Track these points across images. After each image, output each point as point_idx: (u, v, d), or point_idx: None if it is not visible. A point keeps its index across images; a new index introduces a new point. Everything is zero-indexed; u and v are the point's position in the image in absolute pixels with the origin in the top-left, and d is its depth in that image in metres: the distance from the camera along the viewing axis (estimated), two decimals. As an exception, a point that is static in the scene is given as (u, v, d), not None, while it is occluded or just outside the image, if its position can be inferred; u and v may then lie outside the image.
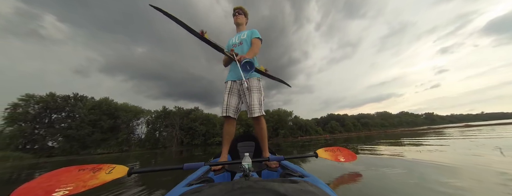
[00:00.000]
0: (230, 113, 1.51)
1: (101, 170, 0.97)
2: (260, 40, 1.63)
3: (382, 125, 77.77)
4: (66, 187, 0.83)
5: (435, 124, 69.78)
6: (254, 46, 1.57)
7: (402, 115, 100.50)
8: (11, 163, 13.35)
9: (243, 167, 0.76)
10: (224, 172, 1.26)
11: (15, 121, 27.73)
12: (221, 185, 0.48)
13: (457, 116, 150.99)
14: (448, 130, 11.75)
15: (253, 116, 1.44)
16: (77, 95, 34.78)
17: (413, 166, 1.85)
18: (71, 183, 0.85)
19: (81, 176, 0.91)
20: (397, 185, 1.30)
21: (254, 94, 1.50)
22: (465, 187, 1.19)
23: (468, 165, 1.77)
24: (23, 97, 29.21)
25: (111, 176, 0.96)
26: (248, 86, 1.51)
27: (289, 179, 0.55)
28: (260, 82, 1.63)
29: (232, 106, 1.54)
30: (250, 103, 1.46)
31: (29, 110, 29.26)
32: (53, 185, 0.83)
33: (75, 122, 31.19)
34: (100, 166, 1.00)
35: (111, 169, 1.00)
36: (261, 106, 1.48)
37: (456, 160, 2.00)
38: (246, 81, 1.51)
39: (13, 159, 20.74)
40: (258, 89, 1.54)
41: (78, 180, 0.88)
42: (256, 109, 1.44)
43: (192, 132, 37.30)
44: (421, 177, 1.45)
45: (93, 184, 0.88)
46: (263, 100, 1.56)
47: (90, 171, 0.95)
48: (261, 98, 1.52)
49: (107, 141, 32.66)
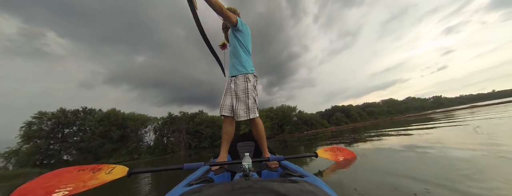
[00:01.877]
0: (225, 112, 1.47)
1: (101, 170, 0.98)
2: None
3: (388, 112, 76.56)
4: (66, 187, 0.84)
5: (443, 107, 68.17)
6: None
7: (409, 101, 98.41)
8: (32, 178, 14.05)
9: (243, 167, 0.77)
10: (224, 172, 1.25)
11: (31, 138, 29.01)
12: (221, 185, 0.48)
13: (467, 97, 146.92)
14: (451, 113, 11.42)
15: (238, 119, 1.41)
16: (86, 108, 35.94)
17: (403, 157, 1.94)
18: (71, 183, 0.87)
19: (81, 176, 0.92)
20: (399, 183, 1.30)
21: (240, 98, 1.43)
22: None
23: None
24: (36, 115, 30.52)
25: (111, 176, 0.96)
26: (236, 90, 1.45)
27: (289, 179, 0.55)
28: (251, 79, 1.50)
29: (227, 105, 1.49)
30: (236, 107, 1.42)
31: (42, 126, 30.58)
32: (54, 185, 0.84)
33: (86, 135, 32.32)
34: (100, 166, 1.01)
35: (111, 169, 1.00)
36: (249, 110, 1.41)
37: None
38: (234, 80, 1.49)
39: (33, 175, 21.88)
40: (244, 92, 1.44)
41: (78, 180, 0.89)
42: (241, 113, 1.40)
43: (199, 135, 38.04)
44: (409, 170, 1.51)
45: (93, 184, 0.89)
46: (255, 101, 1.47)
47: (90, 171, 0.96)
48: (248, 101, 1.42)
49: (118, 150, 33.77)
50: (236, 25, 1.50)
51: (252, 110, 1.42)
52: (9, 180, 18.70)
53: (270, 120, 42.30)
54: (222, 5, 1.33)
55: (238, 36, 1.56)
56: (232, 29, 1.59)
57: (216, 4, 1.29)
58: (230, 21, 1.46)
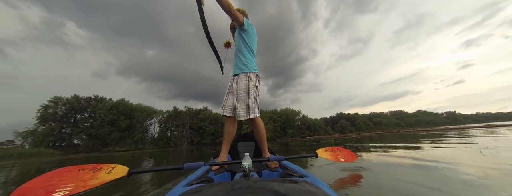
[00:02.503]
0: (227, 113, 1.49)
1: (101, 170, 0.98)
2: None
3: (397, 124, 74.13)
4: (66, 187, 0.83)
5: (457, 124, 64.89)
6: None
7: (420, 114, 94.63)
8: (44, 158, 15.02)
9: (243, 167, 0.77)
10: (224, 172, 1.25)
11: (46, 121, 30.92)
12: (221, 185, 0.49)
13: (484, 115, 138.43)
14: (466, 131, 9.98)
15: (238, 119, 1.42)
16: (97, 96, 37.71)
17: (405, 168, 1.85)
18: (71, 183, 0.86)
19: (81, 176, 0.91)
20: (397, 185, 1.31)
21: (241, 97, 1.43)
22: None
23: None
24: (52, 99, 32.49)
25: (111, 176, 0.96)
26: (237, 89, 1.46)
27: (289, 179, 0.55)
28: (252, 79, 1.50)
29: (229, 105, 1.50)
30: (236, 107, 1.43)
31: (57, 111, 32.49)
32: (54, 185, 0.83)
33: (96, 122, 33.96)
34: (100, 166, 1.01)
35: (111, 169, 1.00)
36: (249, 109, 1.41)
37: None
38: (235, 79, 1.51)
39: (45, 155, 23.40)
40: (244, 92, 1.44)
41: (78, 180, 0.89)
42: (241, 112, 1.40)
43: (202, 132, 38.81)
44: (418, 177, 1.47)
45: (93, 184, 0.89)
46: (256, 101, 1.47)
47: (90, 171, 0.96)
48: (248, 100, 1.42)
49: (125, 139, 35.18)
50: (242, 24, 1.53)
51: (252, 109, 1.41)
52: (26, 157, 20.24)
53: (273, 122, 42.40)
54: (230, 3, 1.38)
55: (244, 36, 1.60)
56: (238, 29, 1.62)
57: (224, 2, 1.34)
58: (237, 20, 1.49)
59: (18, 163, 10.16)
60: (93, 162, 1.09)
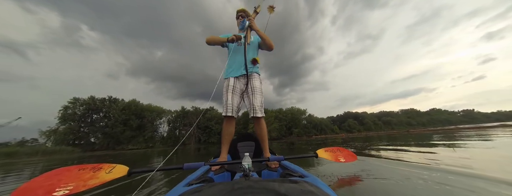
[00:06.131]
0: (233, 113, 1.49)
1: (101, 169, 0.98)
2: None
3: (408, 123, 71.50)
4: (66, 187, 0.84)
5: (475, 123, 61.12)
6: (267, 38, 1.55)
7: (433, 112, 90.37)
8: (65, 156, 16.28)
9: (243, 167, 0.77)
10: (224, 172, 1.26)
11: (67, 120, 33.33)
12: (221, 185, 0.49)
13: (506, 113, 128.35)
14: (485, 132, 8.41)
15: (256, 116, 1.47)
16: (111, 97, 39.92)
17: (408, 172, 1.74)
18: (71, 183, 0.86)
19: (81, 176, 0.92)
20: (396, 187, 1.30)
21: (257, 94, 1.51)
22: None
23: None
24: (71, 100, 34.94)
25: (111, 175, 0.96)
26: (253, 86, 1.52)
27: (289, 179, 0.55)
28: (261, 80, 1.62)
29: (234, 106, 1.51)
30: (254, 104, 1.48)
31: (76, 111, 34.90)
32: (54, 184, 0.84)
33: (110, 121, 36.08)
34: (100, 165, 1.00)
35: (111, 168, 1.00)
36: (262, 107, 1.50)
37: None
38: (247, 77, 1.52)
39: (66, 152, 25.46)
40: (260, 90, 1.54)
41: (78, 180, 0.89)
42: (258, 110, 1.47)
43: (209, 131, 40.08)
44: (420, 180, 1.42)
45: (93, 183, 0.89)
46: (262, 101, 1.55)
47: (90, 171, 0.96)
48: (262, 99, 1.52)
49: (136, 138, 37.17)
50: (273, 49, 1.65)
51: (262, 108, 1.52)
52: (50, 154, 22.16)
53: (278, 121, 42.35)
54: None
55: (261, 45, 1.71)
56: (262, 46, 1.69)
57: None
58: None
59: (43, 160, 11.32)
60: (111, 159, 1.38)
